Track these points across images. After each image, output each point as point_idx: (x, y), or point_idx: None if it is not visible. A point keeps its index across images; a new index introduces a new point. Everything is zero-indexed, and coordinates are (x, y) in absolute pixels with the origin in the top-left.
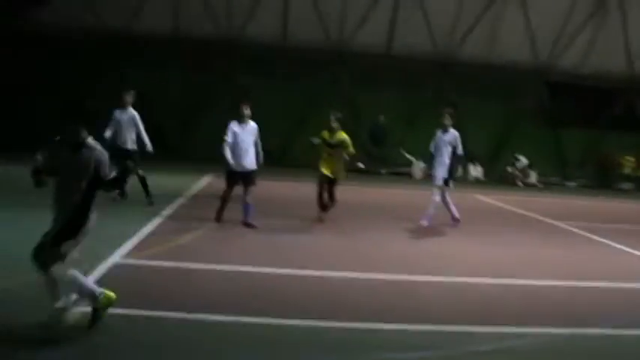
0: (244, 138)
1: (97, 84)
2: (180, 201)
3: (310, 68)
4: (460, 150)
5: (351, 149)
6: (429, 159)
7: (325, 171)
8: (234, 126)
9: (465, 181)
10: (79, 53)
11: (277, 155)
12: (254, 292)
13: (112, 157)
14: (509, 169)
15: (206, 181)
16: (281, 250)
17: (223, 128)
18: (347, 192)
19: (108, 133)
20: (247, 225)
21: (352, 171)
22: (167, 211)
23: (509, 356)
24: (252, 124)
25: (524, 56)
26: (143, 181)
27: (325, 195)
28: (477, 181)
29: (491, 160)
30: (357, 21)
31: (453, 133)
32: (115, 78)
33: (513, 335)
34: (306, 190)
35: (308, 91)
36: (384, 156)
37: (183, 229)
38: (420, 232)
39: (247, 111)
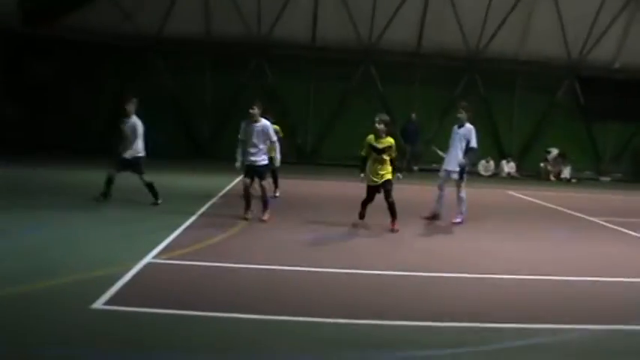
0: (253, 136)
1: (132, 87)
2: (213, 201)
3: (341, 67)
4: (473, 143)
5: (394, 154)
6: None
7: (374, 179)
8: (244, 125)
9: (497, 177)
10: (113, 58)
11: (310, 154)
12: (280, 290)
13: (120, 164)
14: (542, 164)
15: (238, 181)
16: (310, 249)
17: None
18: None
19: (121, 146)
20: (261, 220)
21: None
22: (200, 211)
23: (541, 353)
24: (262, 123)
25: (556, 51)
26: (150, 186)
27: (385, 203)
28: (510, 177)
29: (524, 156)
30: (386, 19)
31: (467, 127)
32: (148, 81)
33: (546, 331)
34: (336, 188)
35: (339, 91)
36: (416, 153)
37: (216, 228)
38: (447, 230)
39: (253, 111)
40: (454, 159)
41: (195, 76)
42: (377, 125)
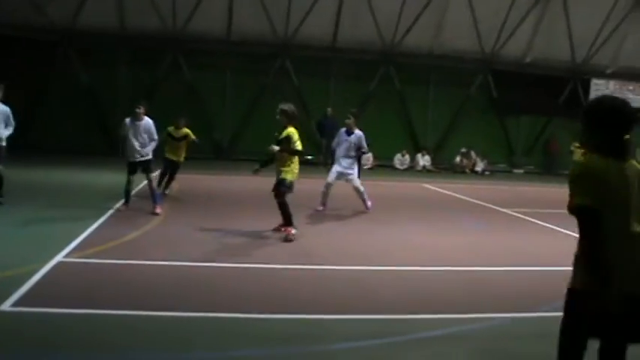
0: (138, 133)
1: (46, 82)
2: None
3: (257, 62)
4: (365, 149)
5: (295, 146)
6: (331, 155)
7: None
8: (128, 123)
9: (413, 171)
10: (24, 51)
11: (227, 149)
12: (194, 287)
13: None
14: (458, 158)
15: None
16: (226, 245)
17: (169, 123)
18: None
19: None
20: (153, 213)
21: (301, 163)
22: (114, 208)
23: (458, 342)
24: (145, 121)
25: (470, 46)
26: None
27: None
28: (425, 170)
29: (439, 149)
30: (302, 13)
31: (357, 134)
32: (61, 75)
33: (460, 321)
34: (252, 183)
35: (255, 85)
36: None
37: (130, 225)
38: (362, 221)
39: (138, 110)
40: (349, 162)
41: (110, 70)
42: (277, 116)
